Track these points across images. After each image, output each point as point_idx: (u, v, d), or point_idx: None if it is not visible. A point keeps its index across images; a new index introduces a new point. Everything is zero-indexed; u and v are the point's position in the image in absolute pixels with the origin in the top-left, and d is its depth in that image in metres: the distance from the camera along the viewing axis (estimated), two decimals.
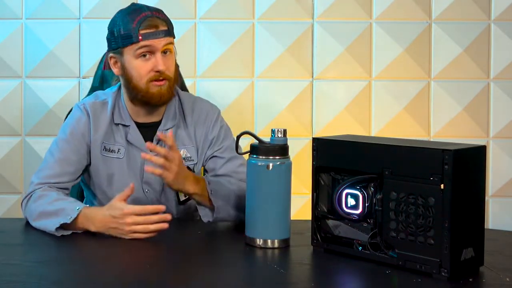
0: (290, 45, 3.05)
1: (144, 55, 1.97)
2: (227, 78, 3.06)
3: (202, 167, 2.14)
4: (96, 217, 1.82)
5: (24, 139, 3.06)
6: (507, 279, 1.49)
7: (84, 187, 2.17)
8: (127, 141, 2.05)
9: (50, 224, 1.83)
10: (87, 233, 1.89)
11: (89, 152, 2.05)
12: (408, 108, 3.06)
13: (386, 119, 3.06)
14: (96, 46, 2.97)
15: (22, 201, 1.99)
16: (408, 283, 1.48)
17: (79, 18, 3.04)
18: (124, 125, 2.06)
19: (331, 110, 3.06)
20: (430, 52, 3.06)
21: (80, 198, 2.26)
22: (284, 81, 3.06)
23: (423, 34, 3.05)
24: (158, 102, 2.01)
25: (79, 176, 2.07)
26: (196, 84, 3.05)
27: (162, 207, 1.80)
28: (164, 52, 1.98)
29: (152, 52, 1.97)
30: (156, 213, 1.79)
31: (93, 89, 2.44)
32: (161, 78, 1.97)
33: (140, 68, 1.97)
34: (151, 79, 1.97)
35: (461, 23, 3.05)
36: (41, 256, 1.71)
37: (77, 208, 1.83)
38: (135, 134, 2.05)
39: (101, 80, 2.43)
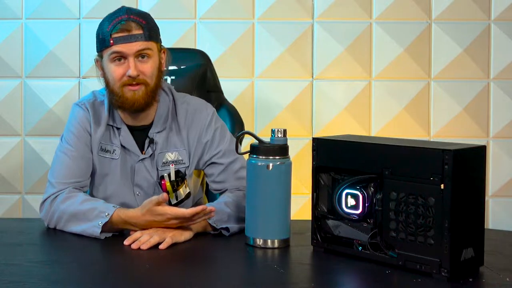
0: (290, 45, 3.05)
1: (118, 59, 1.94)
2: (227, 78, 3.06)
3: (202, 171, 2.13)
4: (136, 214, 1.80)
5: (24, 139, 3.05)
6: (507, 279, 1.49)
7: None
8: (120, 143, 2.04)
9: (90, 227, 1.82)
10: None
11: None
12: (408, 108, 3.06)
13: (386, 119, 3.06)
14: None
15: (43, 202, 1.95)
16: (408, 283, 1.48)
17: (79, 18, 3.04)
18: (117, 128, 2.05)
19: (331, 110, 3.06)
20: (430, 52, 3.05)
21: None
22: (284, 81, 3.06)
23: (423, 34, 3.05)
24: (131, 108, 1.98)
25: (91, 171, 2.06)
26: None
27: (203, 207, 1.77)
28: (141, 56, 1.95)
29: (125, 57, 1.94)
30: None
31: None
32: (134, 83, 1.95)
33: (114, 72, 1.96)
34: (124, 83, 1.95)
35: (461, 23, 3.04)
36: (41, 256, 1.71)
37: (112, 205, 1.84)
38: (127, 137, 2.04)
39: None
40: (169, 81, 2.38)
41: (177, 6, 3.01)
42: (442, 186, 1.47)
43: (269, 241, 1.72)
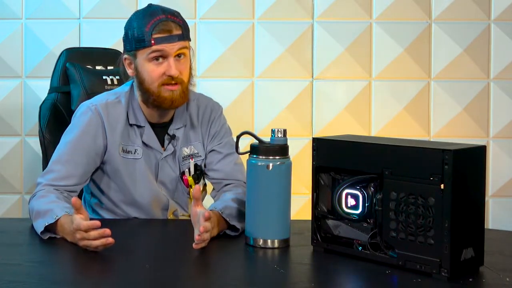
0: (290, 45, 3.05)
1: (157, 59, 1.95)
2: (227, 78, 3.06)
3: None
4: (67, 227, 1.74)
5: (24, 139, 3.06)
6: (507, 279, 1.49)
7: (97, 193, 2.12)
8: (143, 141, 2.05)
9: (38, 226, 1.80)
10: None
11: (102, 154, 2.02)
12: (408, 108, 3.06)
13: (386, 119, 3.06)
14: (96, 46, 2.97)
15: (29, 201, 1.95)
16: (408, 283, 1.48)
17: (79, 18, 3.04)
18: (139, 126, 2.05)
19: (331, 110, 3.06)
20: (430, 52, 3.06)
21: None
22: (284, 81, 3.06)
23: (423, 34, 3.05)
24: (170, 107, 1.99)
25: (88, 178, 2.03)
26: (196, 84, 3.04)
27: (97, 224, 1.65)
28: (178, 56, 1.96)
29: (164, 56, 1.95)
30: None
31: (53, 90, 2.41)
32: (173, 82, 1.96)
33: (152, 71, 1.96)
34: (163, 83, 1.96)
35: (461, 23, 3.05)
36: (41, 256, 1.71)
37: (66, 211, 1.78)
38: (150, 135, 2.05)
39: (63, 80, 2.39)
40: None
41: (177, 6, 2.99)
42: (442, 186, 1.47)
43: (269, 241, 1.72)
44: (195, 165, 2.09)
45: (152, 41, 1.93)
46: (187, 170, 2.08)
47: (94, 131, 2.00)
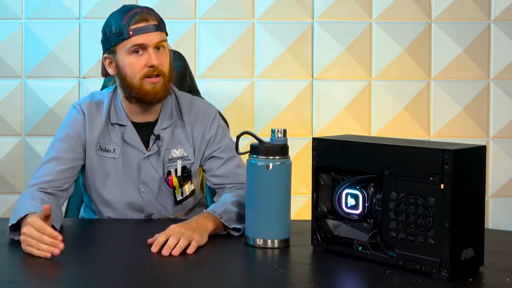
0: (290, 45, 3.05)
1: (137, 51, 1.96)
2: (227, 78, 3.06)
3: (200, 168, 2.14)
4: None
5: (24, 139, 3.06)
6: (507, 279, 1.49)
7: (83, 191, 2.16)
8: (124, 140, 2.04)
9: (11, 221, 1.76)
10: (86, 233, 1.89)
11: (84, 151, 2.05)
12: (408, 108, 3.06)
13: (386, 119, 3.06)
14: (96, 46, 2.95)
15: None
16: (408, 283, 1.48)
17: (79, 18, 3.04)
18: (120, 125, 2.05)
19: (331, 110, 3.06)
20: (430, 52, 3.06)
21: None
22: (284, 81, 3.06)
23: (423, 34, 3.05)
24: (153, 100, 1.99)
25: (76, 174, 2.05)
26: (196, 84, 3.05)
27: (59, 236, 1.63)
28: (157, 48, 1.97)
29: (144, 48, 1.95)
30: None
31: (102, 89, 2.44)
32: (155, 73, 1.96)
33: (133, 64, 1.96)
34: (145, 75, 1.96)
35: (461, 23, 3.05)
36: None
37: (29, 210, 1.74)
38: (132, 134, 2.05)
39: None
40: None
41: (177, 6, 3.01)
42: (442, 186, 1.47)
43: (269, 241, 1.72)
44: (183, 167, 2.06)
45: (130, 32, 1.94)
46: (173, 170, 2.05)
47: (78, 128, 2.04)
